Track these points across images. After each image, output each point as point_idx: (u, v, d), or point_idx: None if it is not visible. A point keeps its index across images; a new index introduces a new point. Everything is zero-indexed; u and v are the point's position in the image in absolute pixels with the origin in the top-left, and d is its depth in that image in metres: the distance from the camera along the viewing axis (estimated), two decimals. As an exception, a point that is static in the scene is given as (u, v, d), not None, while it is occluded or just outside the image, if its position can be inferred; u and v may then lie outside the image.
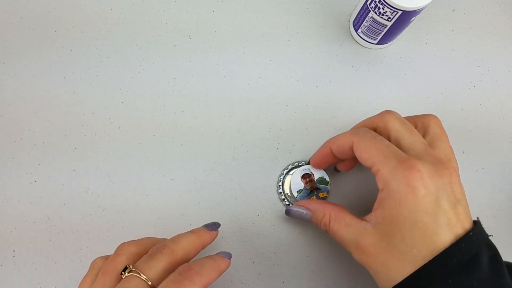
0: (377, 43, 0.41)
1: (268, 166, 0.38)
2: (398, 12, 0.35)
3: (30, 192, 0.36)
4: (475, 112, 0.41)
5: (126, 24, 0.41)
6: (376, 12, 0.36)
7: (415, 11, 0.35)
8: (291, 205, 0.36)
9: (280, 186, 0.37)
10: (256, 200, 0.37)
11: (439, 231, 0.26)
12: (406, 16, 0.35)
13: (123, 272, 0.27)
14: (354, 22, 0.41)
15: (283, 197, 0.37)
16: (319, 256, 0.36)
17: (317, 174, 0.37)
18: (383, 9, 0.35)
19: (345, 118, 0.40)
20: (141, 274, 0.27)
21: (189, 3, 0.43)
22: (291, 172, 0.37)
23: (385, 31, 0.38)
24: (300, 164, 0.38)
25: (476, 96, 0.42)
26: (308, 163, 0.37)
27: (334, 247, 0.36)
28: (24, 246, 0.35)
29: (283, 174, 0.37)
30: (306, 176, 0.37)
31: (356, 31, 0.41)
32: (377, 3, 0.35)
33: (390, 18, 0.36)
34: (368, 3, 0.37)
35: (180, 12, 0.42)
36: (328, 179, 0.37)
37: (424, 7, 0.35)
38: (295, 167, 0.37)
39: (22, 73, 0.39)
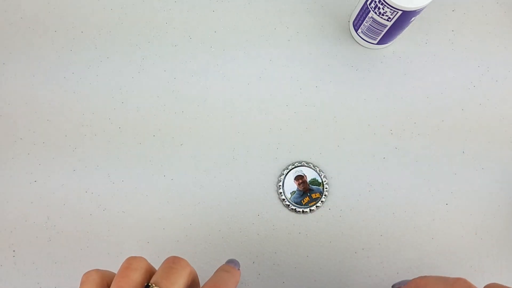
0: (377, 43, 0.41)
1: (268, 166, 0.38)
2: (398, 12, 0.35)
3: (30, 192, 0.36)
4: (475, 112, 0.41)
5: (126, 24, 0.41)
6: (376, 12, 0.36)
7: (415, 11, 0.35)
8: (291, 205, 0.36)
9: (280, 186, 0.37)
10: (256, 200, 0.37)
11: None
12: (406, 16, 0.35)
13: None
14: (354, 22, 0.41)
15: (283, 197, 0.37)
16: (319, 256, 0.36)
17: (310, 176, 0.37)
18: (383, 9, 0.35)
19: (345, 118, 0.40)
20: None
21: (189, 3, 0.43)
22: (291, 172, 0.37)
23: (385, 31, 0.38)
24: (300, 164, 0.38)
25: (476, 96, 0.42)
26: (303, 165, 0.37)
27: (334, 247, 0.36)
28: (24, 246, 0.35)
29: (283, 174, 0.37)
30: (299, 178, 0.37)
31: (356, 31, 0.41)
32: (377, 3, 0.35)
33: (390, 18, 0.36)
34: (368, 3, 0.37)
35: (180, 12, 0.42)
36: (320, 180, 0.37)
37: (424, 7, 0.35)
38: (295, 167, 0.38)
39: (22, 73, 0.39)
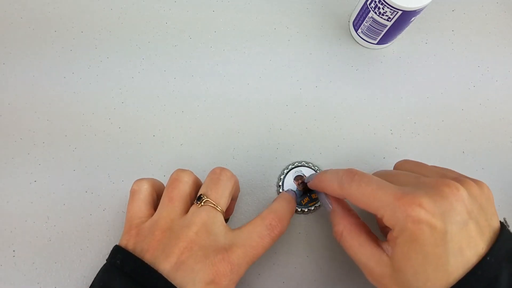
0: (377, 43, 0.41)
1: (268, 166, 0.38)
2: (398, 12, 0.35)
3: (30, 192, 0.36)
4: (475, 112, 0.41)
5: (126, 24, 0.41)
6: (376, 12, 0.36)
7: (415, 11, 0.35)
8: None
9: (280, 186, 0.37)
10: (256, 200, 0.37)
11: (450, 260, 0.24)
12: (406, 16, 0.35)
13: (197, 202, 0.29)
14: (354, 22, 0.41)
15: (283, 197, 0.37)
16: (319, 256, 0.36)
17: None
18: (383, 9, 0.35)
19: (345, 118, 0.40)
20: (217, 206, 0.29)
21: (189, 3, 0.43)
22: (291, 172, 0.37)
23: (385, 31, 0.38)
24: (300, 164, 0.38)
25: (476, 96, 0.42)
26: (303, 165, 0.37)
27: (334, 247, 0.36)
28: (24, 246, 0.35)
29: (283, 174, 0.37)
30: (299, 178, 0.37)
31: (356, 31, 0.41)
32: (377, 3, 0.35)
33: (390, 18, 0.36)
34: (368, 3, 0.37)
35: (180, 12, 0.42)
36: None
37: (424, 7, 0.35)
38: (295, 167, 0.38)
39: (22, 73, 0.39)
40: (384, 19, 0.36)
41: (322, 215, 0.37)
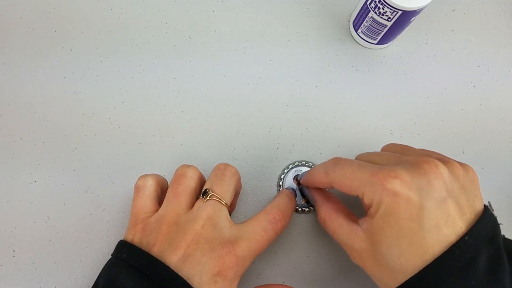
0: (377, 43, 0.41)
1: (268, 166, 0.38)
2: (398, 12, 0.35)
3: (30, 192, 0.36)
4: (475, 112, 0.41)
5: (126, 24, 0.41)
6: (376, 12, 0.36)
7: (415, 11, 0.35)
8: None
9: (280, 185, 0.37)
10: (256, 200, 0.37)
11: (426, 235, 0.24)
12: (406, 16, 0.35)
13: (203, 196, 0.29)
14: (354, 22, 0.41)
15: (283, 197, 0.37)
16: (319, 256, 0.36)
17: None
18: (383, 9, 0.35)
19: (345, 118, 0.40)
20: (222, 200, 0.29)
21: (189, 3, 0.43)
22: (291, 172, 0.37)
23: (385, 31, 0.38)
24: (300, 164, 0.38)
25: (476, 96, 0.42)
26: (303, 165, 0.37)
27: (334, 247, 0.36)
28: (24, 246, 0.35)
29: (284, 174, 0.37)
30: (298, 177, 0.37)
31: (356, 31, 0.41)
32: (377, 3, 0.35)
33: (390, 18, 0.36)
34: (368, 3, 0.37)
35: (180, 12, 0.42)
36: None
37: (424, 7, 0.35)
38: (295, 167, 0.38)
39: (22, 73, 0.39)
40: (384, 19, 0.36)
41: (322, 215, 0.37)
